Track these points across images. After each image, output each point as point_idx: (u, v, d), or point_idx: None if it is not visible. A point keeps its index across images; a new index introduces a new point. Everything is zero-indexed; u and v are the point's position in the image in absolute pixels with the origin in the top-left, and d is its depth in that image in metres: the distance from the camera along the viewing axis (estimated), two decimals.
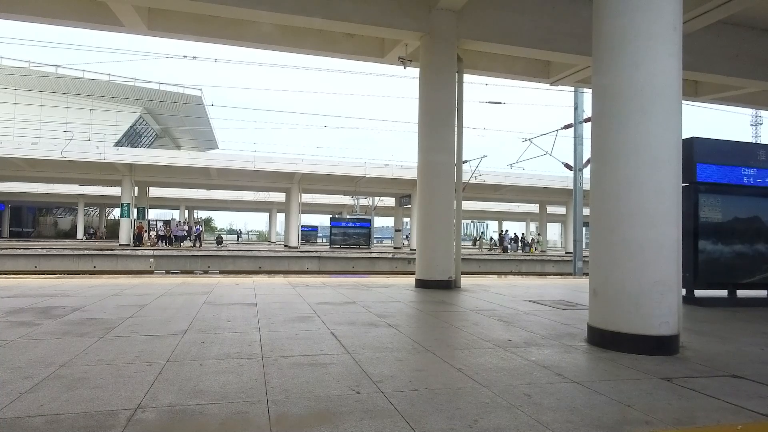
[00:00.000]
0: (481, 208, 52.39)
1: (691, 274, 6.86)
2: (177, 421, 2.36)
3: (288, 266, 24.89)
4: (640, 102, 4.14)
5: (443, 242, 8.57)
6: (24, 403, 2.52)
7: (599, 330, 4.24)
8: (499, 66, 11.09)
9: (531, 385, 3.04)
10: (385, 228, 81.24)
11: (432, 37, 8.70)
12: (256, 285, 8.15)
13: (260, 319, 4.99)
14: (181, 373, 3.11)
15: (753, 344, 4.47)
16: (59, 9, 8.71)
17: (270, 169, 31.09)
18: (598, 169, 4.48)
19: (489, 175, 32.31)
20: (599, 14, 4.49)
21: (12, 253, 22.49)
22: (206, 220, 58.20)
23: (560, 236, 56.58)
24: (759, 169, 7.37)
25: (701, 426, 2.45)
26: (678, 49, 4.23)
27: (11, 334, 4.07)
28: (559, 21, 9.34)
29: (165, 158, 30.90)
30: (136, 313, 5.20)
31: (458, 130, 8.82)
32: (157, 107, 49.13)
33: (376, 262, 26.96)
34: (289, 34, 9.66)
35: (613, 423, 2.45)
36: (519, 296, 7.47)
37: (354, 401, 2.66)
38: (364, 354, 3.67)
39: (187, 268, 23.11)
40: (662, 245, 4.07)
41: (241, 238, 65.88)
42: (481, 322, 5.21)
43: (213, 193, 48.42)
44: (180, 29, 9.27)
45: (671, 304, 4.05)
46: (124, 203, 31.89)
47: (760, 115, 69.71)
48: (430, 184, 8.68)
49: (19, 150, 28.75)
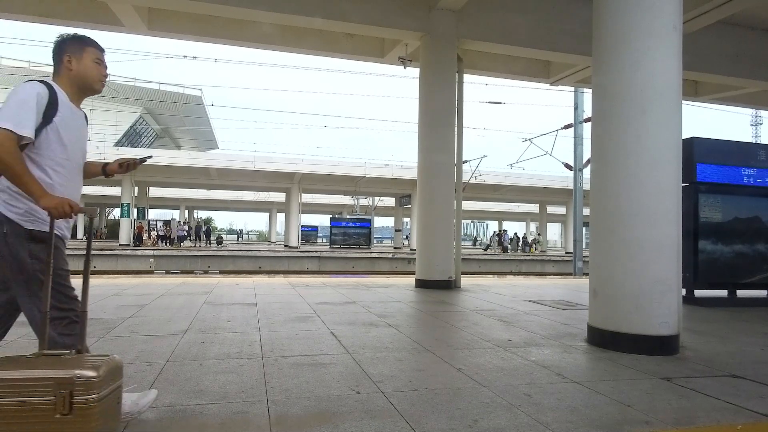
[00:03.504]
0: (481, 208, 52.44)
1: (691, 274, 6.87)
2: (177, 421, 2.36)
3: (288, 266, 24.91)
4: (640, 102, 4.14)
5: (443, 242, 8.57)
6: None
7: (599, 330, 4.24)
8: (499, 66, 11.09)
9: (531, 385, 3.04)
10: (385, 228, 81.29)
11: (432, 37, 8.70)
12: (256, 285, 8.15)
13: (260, 319, 4.99)
14: (181, 373, 3.11)
15: (753, 344, 4.47)
16: (59, 9, 8.71)
17: (270, 169, 31.12)
18: (598, 169, 4.48)
19: (489, 175, 32.34)
20: (599, 14, 4.49)
21: None
22: (206, 220, 58.19)
23: (560, 236, 56.59)
24: (759, 169, 7.38)
25: (701, 426, 2.45)
26: (678, 49, 4.23)
27: (11, 334, 4.05)
28: (559, 21, 9.34)
29: (165, 158, 30.91)
30: (136, 313, 5.20)
31: (458, 130, 8.82)
32: (157, 107, 49.14)
33: (376, 262, 26.98)
34: (289, 34, 9.66)
35: (613, 423, 2.45)
36: (519, 296, 7.47)
37: (354, 401, 2.66)
38: (364, 354, 3.67)
39: (187, 268, 23.12)
40: (662, 245, 4.06)
41: (241, 238, 65.93)
42: (481, 322, 5.21)
43: (213, 193, 48.47)
44: (180, 29, 9.27)
45: (671, 304, 4.05)
46: (124, 203, 31.91)
47: (760, 115, 69.75)
48: (430, 184, 8.69)
49: None
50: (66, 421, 1.64)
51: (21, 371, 1.68)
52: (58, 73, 2.20)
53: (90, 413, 1.67)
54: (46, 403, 1.63)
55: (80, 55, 2.20)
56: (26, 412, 1.62)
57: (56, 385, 1.65)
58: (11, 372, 1.67)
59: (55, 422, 1.63)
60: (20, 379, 1.65)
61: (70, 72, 2.19)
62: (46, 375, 1.67)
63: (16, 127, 1.92)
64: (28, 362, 1.75)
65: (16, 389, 1.64)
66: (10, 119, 1.92)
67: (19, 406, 1.62)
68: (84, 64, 2.21)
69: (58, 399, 1.64)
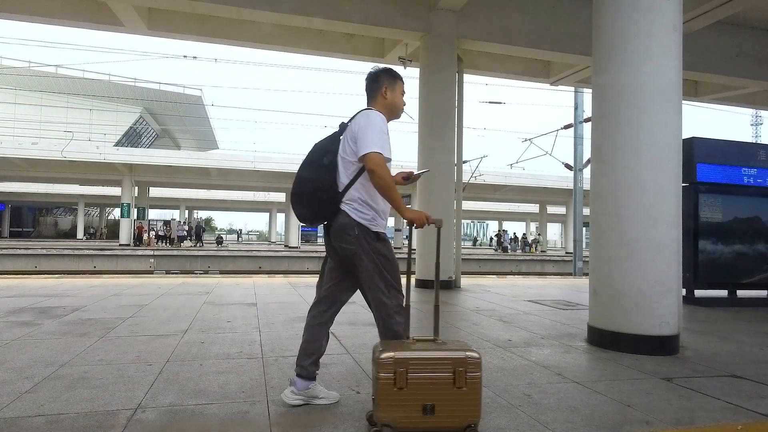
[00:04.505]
0: (481, 208, 52.40)
1: (691, 274, 6.86)
2: (177, 421, 2.36)
3: (288, 266, 24.88)
4: (640, 102, 4.13)
5: (443, 242, 8.54)
6: (24, 403, 2.52)
7: (599, 330, 4.23)
8: (499, 66, 11.09)
9: (531, 385, 3.05)
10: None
11: (432, 37, 8.70)
12: (256, 285, 8.15)
13: (260, 319, 4.99)
14: (181, 373, 3.11)
15: (753, 344, 4.47)
16: (59, 9, 8.70)
17: (270, 169, 31.09)
18: (598, 169, 4.47)
19: (489, 175, 32.29)
20: (599, 14, 4.48)
21: (12, 253, 22.49)
22: (206, 220, 58.19)
23: (560, 236, 56.56)
24: (759, 169, 7.37)
25: (701, 426, 2.45)
26: (678, 49, 4.22)
27: (11, 334, 4.08)
28: (559, 21, 9.33)
29: (165, 158, 30.92)
30: (136, 313, 5.20)
31: (458, 130, 8.82)
32: (157, 107, 49.14)
33: None
34: (289, 34, 9.66)
35: (613, 423, 2.45)
36: (519, 296, 7.47)
37: (354, 401, 2.66)
38: (364, 354, 3.66)
39: (187, 268, 23.11)
40: (662, 245, 4.06)
41: (241, 238, 65.90)
42: (481, 322, 5.21)
43: (213, 193, 48.44)
44: (180, 29, 9.27)
45: (671, 304, 4.04)
46: (124, 203, 31.90)
47: (760, 115, 69.72)
48: (430, 184, 8.68)
49: (19, 150, 28.76)
50: (461, 392, 2.11)
51: (429, 352, 2.18)
52: (374, 100, 2.64)
53: (476, 387, 2.14)
54: (447, 377, 2.11)
55: (393, 87, 2.63)
56: (434, 383, 2.11)
57: (454, 363, 2.13)
58: (423, 353, 2.17)
59: (453, 392, 2.11)
60: (430, 358, 2.15)
61: (384, 100, 2.62)
62: (446, 355, 2.15)
63: (385, 152, 2.38)
64: (429, 345, 2.26)
65: (428, 366, 2.13)
66: (379, 146, 2.37)
67: (428, 378, 2.11)
68: (396, 94, 2.64)
69: (456, 374, 2.11)
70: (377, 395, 2.11)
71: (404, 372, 2.09)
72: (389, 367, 2.09)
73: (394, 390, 2.08)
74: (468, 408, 2.13)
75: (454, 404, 2.11)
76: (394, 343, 2.29)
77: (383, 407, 2.10)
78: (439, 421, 2.10)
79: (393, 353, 2.12)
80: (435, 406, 2.09)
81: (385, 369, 2.10)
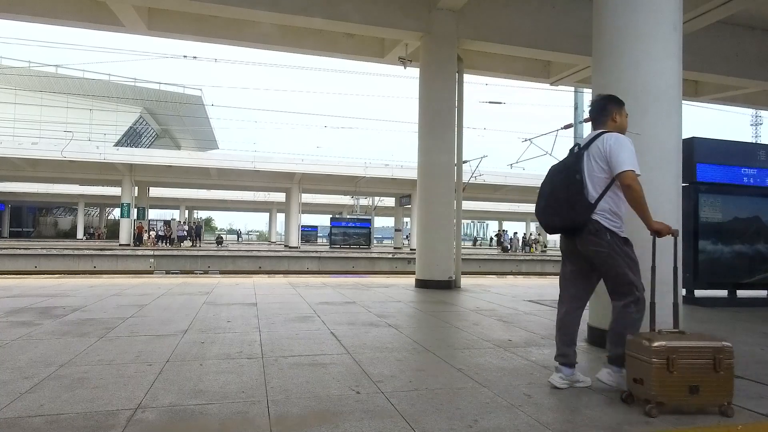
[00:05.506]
0: (481, 208, 52.39)
1: (691, 274, 6.85)
2: (177, 421, 2.36)
3: (288, 266, 24.88)
4: (640, 102, 4.12)
5: (443, 242, 8.57)
6: (24, 403, 2.52)
7: (599, 330, 4.22)
8: (499, 66, 11.09)
9: (531, 385, 3.05)
10: (385, 228, 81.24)
11: (432, 37, 8.69)
12: (256, 285, 8.15)
13: (260, 319, 4.99)
14: (181, 373, 3.11)
15: (753, 344, 4.47)
16: (59, 9, 8.70)
17: (270, 169, 31.12)
18: None
19: (489, 175, 32.31)
20: (599, 14, 4.48)
21: (12, 253, 22.49)
22: (206, 220, 58.16)
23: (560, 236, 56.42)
24: (759, 169, 7.37)
25: (701, 426, 2.45)
26: (678, 49, 4.22)
27: (11, 334, 4.08)
28: (559, 21, 9.33)
29: (165, 158, 30.92)
30: (136, 313, 5.20)
31: (458, 130, 8.81)
32: (157, 107, 49.16)
33: (376, 262, 26.94)
34: (289, 34, 9.66)
35: (613, 423, 2.45)
36: (519, 296, 7.47)
37: (354, 401, 2.66)
38: (364, 354, 3.67)
39: (187, 268, 23.11)
40: (662, 245, 4.05)
41: (241, 238, 65.90)
42: (481, 322, 5.21)
43: (213, 193, 48.45)
44: (180, 29, 9.27)
45: (671, 304, 4.03)
46: (124, 203, 31.92)
47: (760, 115, 69.73)
48: (430, 184, 8.68)
49: (19, 150, 28.77)
50: (719, 376, 2.50)
51: (690, 342, 2.57)
52: (604, 125, 3.07)
53: (731, 371, 2.53)
54: (708, 363, 2.50)
55: (621, 112, 3.11)
56: (697, 368, 2.51)
57: (713, 351, 2.52)
58: (686, 342, 2.56)
59: (713, 376, 2.50)
60: (695, 347, 2.54)
61: (614, 124, 3.06)
62: (707, 345, 2.56)
63: (636, 169, 2.81)
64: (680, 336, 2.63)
65: (693, 353, 2.52)
66: (633, 165, 2.81)
67: (692, 364, 2.51)
68: (623, 118, 3.13)
69: (715, 361, 2.50)
70: (652, 378, 2.49)
71: (675, 358, 2.48)
72: (662, 354, 2.48)
73: (666, 373, 2.47)
74: (725, 389, 2.52)
75: (714, 385, 2.50)
76: (652, 334, 2.66)
77: (657, 387, 2.48)
78: (702, 400, 2.52)
79: (665, 342, 2.51)
80: (699, 387, 2.49)
81: (659, 356, 2.48)
